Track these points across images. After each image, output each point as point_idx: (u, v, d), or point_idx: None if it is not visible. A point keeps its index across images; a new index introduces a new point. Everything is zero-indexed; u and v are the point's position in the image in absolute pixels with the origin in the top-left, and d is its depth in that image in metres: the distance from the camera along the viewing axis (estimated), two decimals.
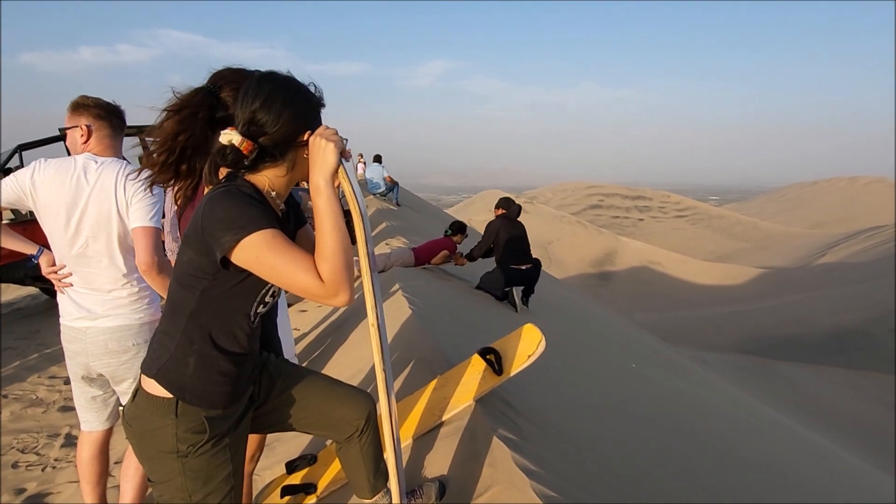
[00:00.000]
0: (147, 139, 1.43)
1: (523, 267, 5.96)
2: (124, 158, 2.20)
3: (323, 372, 3.57)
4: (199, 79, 1.53)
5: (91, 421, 2.28)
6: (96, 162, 2.08)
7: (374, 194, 13.44)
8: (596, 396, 3.92)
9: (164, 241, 2.20)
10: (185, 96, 1.39)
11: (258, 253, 1.17)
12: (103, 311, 2.10)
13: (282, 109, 1.24)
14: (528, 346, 2.24)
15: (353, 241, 1.36)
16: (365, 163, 16.60)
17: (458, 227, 6.50)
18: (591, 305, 13.33)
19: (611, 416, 3.50)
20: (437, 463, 2.11)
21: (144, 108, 1.38)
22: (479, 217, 40.46)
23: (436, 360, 2.85)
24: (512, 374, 2.26)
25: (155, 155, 1.37)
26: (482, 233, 6.27)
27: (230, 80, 1.50)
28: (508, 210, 6.12)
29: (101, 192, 2.04)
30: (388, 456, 1.40)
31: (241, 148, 1.24)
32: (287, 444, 2.67)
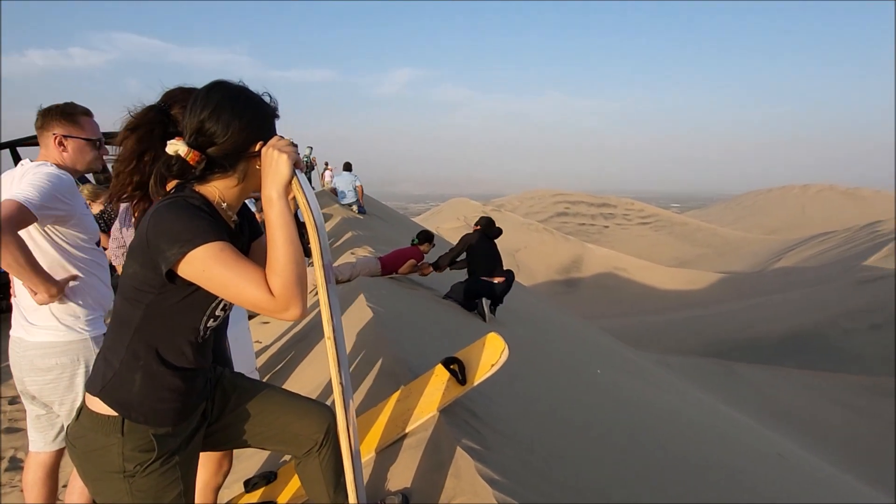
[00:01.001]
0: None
1: (496, 280, 5.98)
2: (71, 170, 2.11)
3: (285, 385, 3.51)
4: (157, 84, 1.50)
5: (37, 441, 2.18)
6: (24, 167, 2.03)
7: (342, 204, 13.24)
8: (561, 404, 3.95)
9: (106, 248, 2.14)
10: (137, 114, 1.38)
11: (205, 266, 1.15)
12: (37, 323, 2.02)
13: (231, 119, 1.22)
14: (491, 355, 2.24)
15: (308, 253, 1.33)
16: (332, 170, 16.36)
17: (425, 236, 6.47)
18: (558, 313, 13.49)
19: (575, 424, 3.53)
20: (401, 475, 2.08)
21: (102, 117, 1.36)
22: (446, 225, 40.59)
23: (399, 370, 2.82)
24: (476, 383, 2.25)
25: (122, 176, 1.35)
26: (451, 242, 6.26)
27: (180, 99, 1.49)
28: (488, 230, 6.13)
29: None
30: (347, 471, 1.37)
31: (188, 159, 1.21)
32: (246, 462, 2.59)
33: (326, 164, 17.07)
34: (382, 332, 3.37)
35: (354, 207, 13.12)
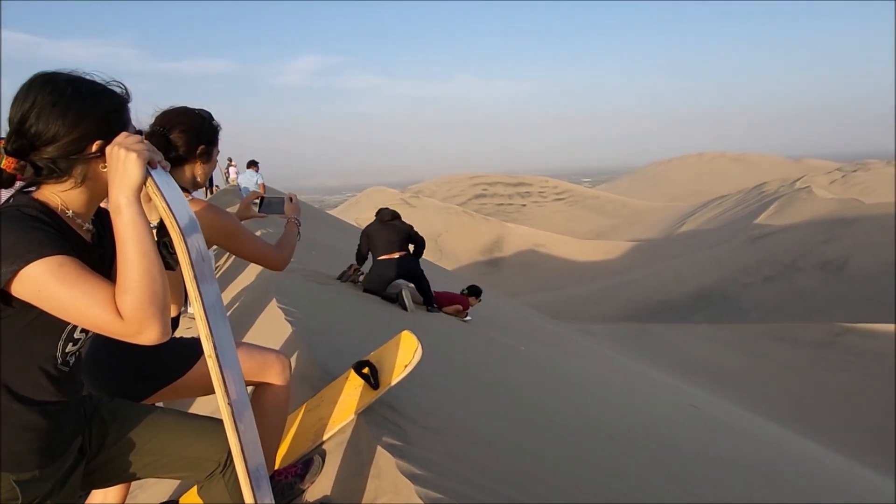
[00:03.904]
0: None
1: (396, 255, 6.06)
2: None
3: (192, 403, 3.28)
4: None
5: None
6: None
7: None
8: (485, 388, 3.99)
9: None
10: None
11: (40, 285, 1.00)
12: None
13: (55, 118, 1.06)
14: (405, 355, 2.17)
15: (172, 266, 1.20)
16: (236, 166, 15.68)
17: (474, 291, 7.11)
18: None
19: (500, 407, 3.56)
20: (319, 483, 2.00)
21: None
22: (365, 215, 40.02)
23: (316, 374, 2.71)
24: (392, 383, 2.18)
25: None
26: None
27: (178, 123, 1.75)
28: (378, 215, 6.39)
29: None
30: (246, 496, 1.27)
31: (2, 166, 1.05)
32: (150, 490, 2.40)
33: (230, 160, 16.26)
34: (295, 335, 3.23)
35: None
